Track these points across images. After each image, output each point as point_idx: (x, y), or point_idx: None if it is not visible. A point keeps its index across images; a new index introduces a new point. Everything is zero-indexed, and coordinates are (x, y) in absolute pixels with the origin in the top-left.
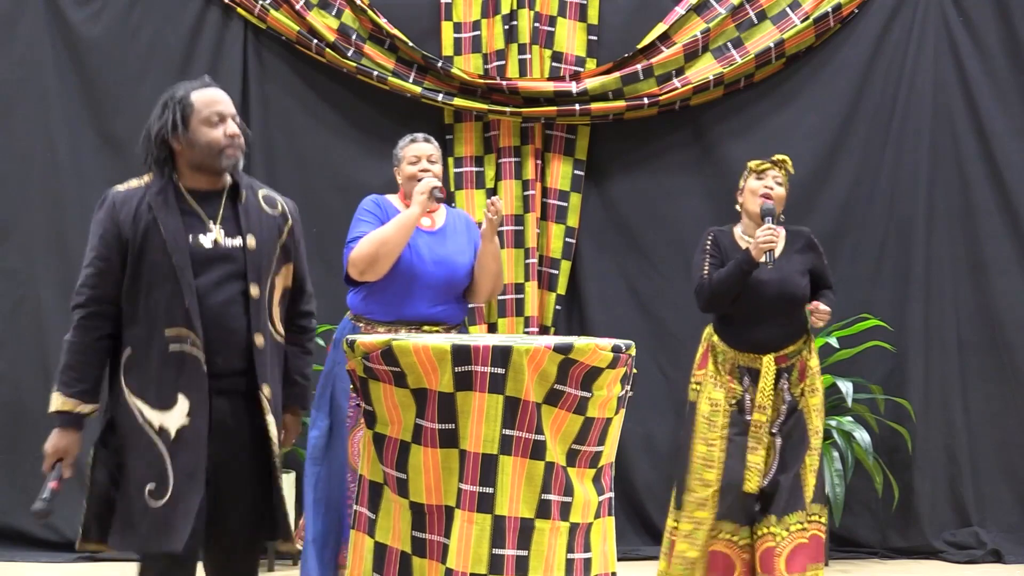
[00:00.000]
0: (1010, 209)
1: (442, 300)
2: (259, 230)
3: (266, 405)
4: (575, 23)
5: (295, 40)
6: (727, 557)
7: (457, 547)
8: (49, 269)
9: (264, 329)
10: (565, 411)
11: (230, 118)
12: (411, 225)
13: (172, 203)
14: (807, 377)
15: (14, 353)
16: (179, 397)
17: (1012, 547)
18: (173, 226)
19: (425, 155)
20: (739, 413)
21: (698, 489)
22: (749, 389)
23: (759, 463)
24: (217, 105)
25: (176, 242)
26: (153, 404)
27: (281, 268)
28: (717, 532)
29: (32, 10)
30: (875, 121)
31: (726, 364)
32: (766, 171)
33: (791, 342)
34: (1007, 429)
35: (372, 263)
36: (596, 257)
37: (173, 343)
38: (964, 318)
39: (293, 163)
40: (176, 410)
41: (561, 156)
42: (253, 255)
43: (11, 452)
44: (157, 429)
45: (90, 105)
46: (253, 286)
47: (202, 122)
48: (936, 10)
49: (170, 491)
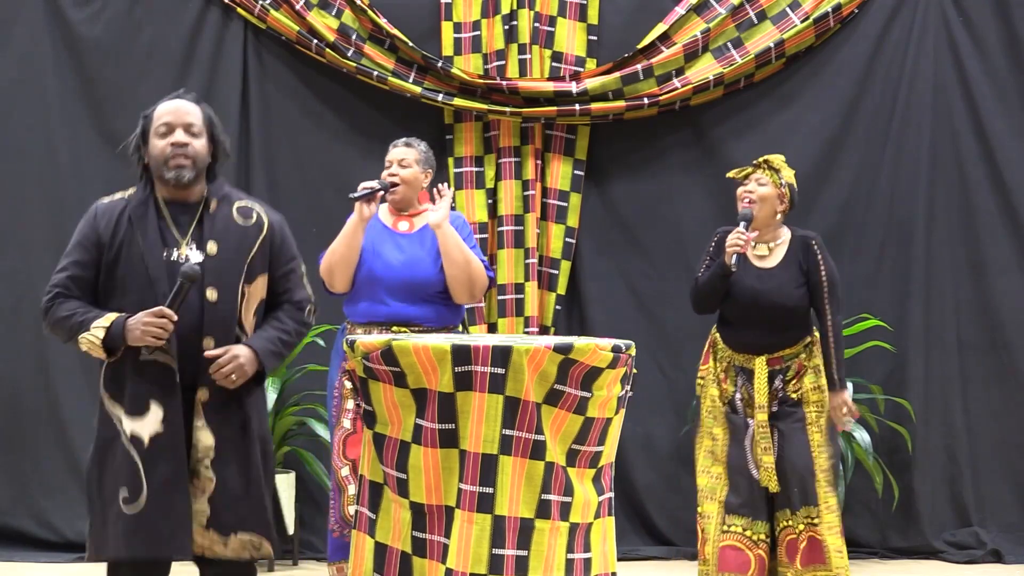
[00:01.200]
0: (1010, 209)
1: (412, 301)
2: (223, 238)
3: (198, 408)
4: (575, 23)
5: (295, 40)
6: (739, 552)
7: (457, 547)
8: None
9: (220, 334)
10: (565, 411)
11: (180, 128)
12: (352, 233)
13: (151, 216)
14: (806, 376)
15: (14, 353)
16: (151, 405)
17: (1012, 547)
18: (151, 238)
19: (397, 160)
20: (732, 412)
21: (705, 481)
22: (743, 388)
23: (770, 462)
24: (166, 116)
25: (152, 253)
26: (128, 411)
27: (254, 278)
28: (728, 526)
29: (32, 10)
30: (875, 121)
31: (723, 362)
32: (747, 177)
33: (786, 346)
34: (1007, 429)
35: (329, 275)
36: (596, 257)
37: (145, 351)
38: (964, 318)
39: (293, 163)
40: (149, 418)
41: (561, 156)
42: (212, 260)
43: (11, 452)
44: (130, 436)
45: (90, 105)
46: (210, 290)
47: (154, 134)
48: (936, 10)
49: (143, 498)
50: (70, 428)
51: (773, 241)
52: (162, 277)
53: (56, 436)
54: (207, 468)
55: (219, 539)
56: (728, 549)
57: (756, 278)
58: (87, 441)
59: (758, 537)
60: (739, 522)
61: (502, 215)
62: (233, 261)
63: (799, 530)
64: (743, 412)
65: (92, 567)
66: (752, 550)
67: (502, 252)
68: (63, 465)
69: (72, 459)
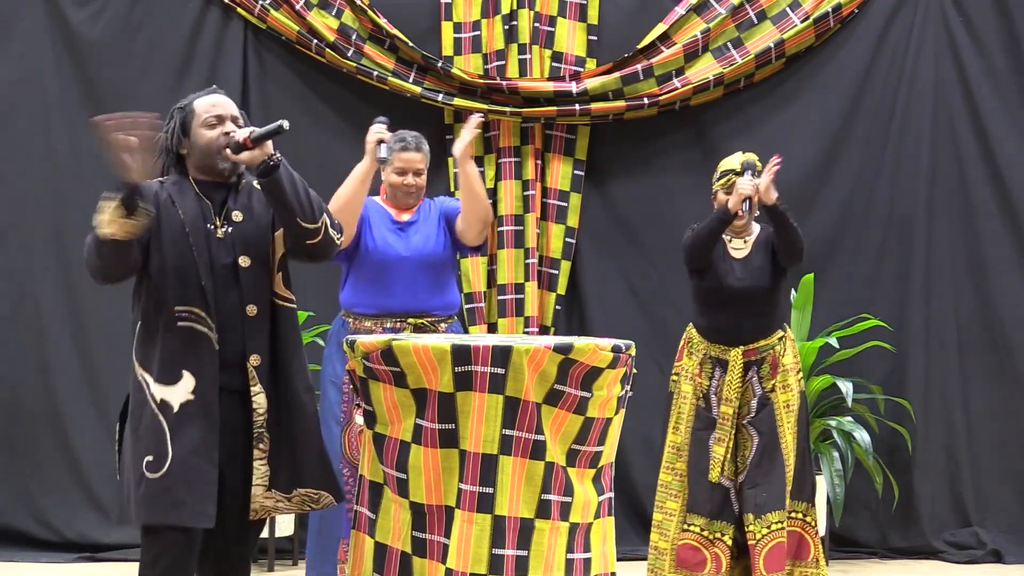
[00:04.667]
0: (1010, 209)
1: (422, 289)
2: (247, 207)
3: (252, 373)
4: (575, 23)
5: (295, 40)
6: (696, 551)
7: (457, 547)
8: (48, 269)
9: (260, 300)
10: (565, 411)
11: (229, 119)
12: (362, 177)
13: (188, 191)
14: (779, 373)
15: (13, 353)
16: (184, 373)
17: (1012, 547)
18: (191, 210)
19: (412, 169)
20: (705, 409)
21: (669, 478)
22: (719, 381)
23: (721, 454)
24: (215, 109)
25: (195, 223)
26: (157, 378)
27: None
28: (688, 525)
29: (32, 10)
30: (875, 121)
31: (698, 355)
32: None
33: (761, 336)
34: (1007, 429)
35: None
36: (596, 257)
37: (182, 320)
38: (964, 318)
39: (293, 163)
40: (180, 386)
41: (561, 156)
42: (240, 228)
43: (10, 452)
44: (159, 402)
45: (90, 105)
46: (243, 258)
47: (203, 125)
48: (936, 10)
49: (167, 465)
50: (70, 428)
51: (748, 236)
52: (203, 246)
53: (56, 436)
54: (264, 430)
55: (283, 497)
56: (685, 548)
57: (738, 267)
58: (87, 441)
59: (714, 536)
60: (698, 521)
61: (502, 215)
62: (260, 227)
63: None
64: (716, 407)
65: (92, 567)
66: (708, 548)
67: (502, 252)
68: (63, 465)
69: (72, 459)
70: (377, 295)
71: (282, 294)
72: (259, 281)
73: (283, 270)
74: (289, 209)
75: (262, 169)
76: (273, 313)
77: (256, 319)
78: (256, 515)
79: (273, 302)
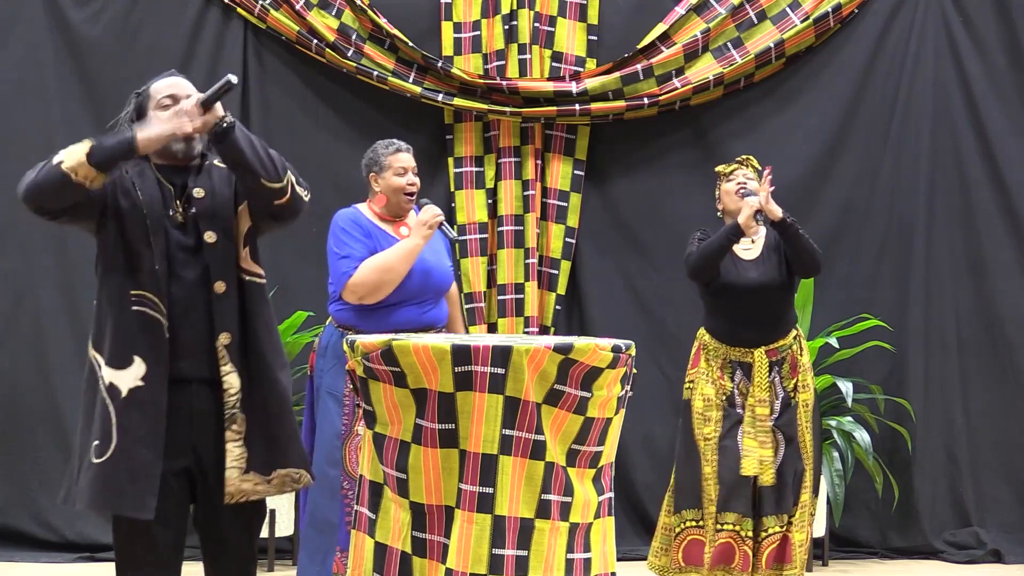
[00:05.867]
0: (1010, 209)
1: (429, 304)
2: (208, 184)
3: (222, 353)
4: (575, 23)
5: (295, 40)
6: (731, 547)
7: (457, 547)
8: (48, 269)
9: (226, 275)
10: (565, 411)
11: (183, 99)
12: (415, 254)
13: (149, 176)
14: (799, 372)
15: (13, 353)
16: (135, 359)
17: (1012, 547)
18: (151, 194)
19: (411, 168)
20: (730, 407)
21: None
22: (740, 384)
23: (770, 455)
24: (169, 89)
25: (152, 208)
26: (108, 360)
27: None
28: (722, 524)
29: (32, 10)
30: (875, 121)
31: (717, 360)
32: (734, 171)
33: (780, 335)
34: (1007, 429)
35: (375, 290)
36: (596, 257)
37: (135, 304)
38: (964, 318)
39: (292, 163)
40: (131, 371)
41: (561, 156)
42: (202, 203)
43: (10, 452)
44: (108, 385)
45: (90, 105)
46: (208, 233)
47: (156, 107)
48: (936, 10)
49: (110, 452)
50: (70, 428)
51: (755, 235)
52: (159, 231)
53: (56, 436)
54: (238, 411)
55: (261, 479)
56: (723, 546)
57: (749, 268)
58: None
59: (746, 533)
60: (730, 518)
61: (502, 215)
62: (223, 201)
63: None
64: (741, 407)
65: (92, 567)
66: (740, 545)
67: (502, 252)
68: (63, 465)
69: None
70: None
71: (251, 269)
72: (226, 257)
73: (250, 244)
74: (251, 171)
75: (217, 134)
76: (242, 289)
77: (224, 296)
78: (232, 499)
79: (241, 278)
